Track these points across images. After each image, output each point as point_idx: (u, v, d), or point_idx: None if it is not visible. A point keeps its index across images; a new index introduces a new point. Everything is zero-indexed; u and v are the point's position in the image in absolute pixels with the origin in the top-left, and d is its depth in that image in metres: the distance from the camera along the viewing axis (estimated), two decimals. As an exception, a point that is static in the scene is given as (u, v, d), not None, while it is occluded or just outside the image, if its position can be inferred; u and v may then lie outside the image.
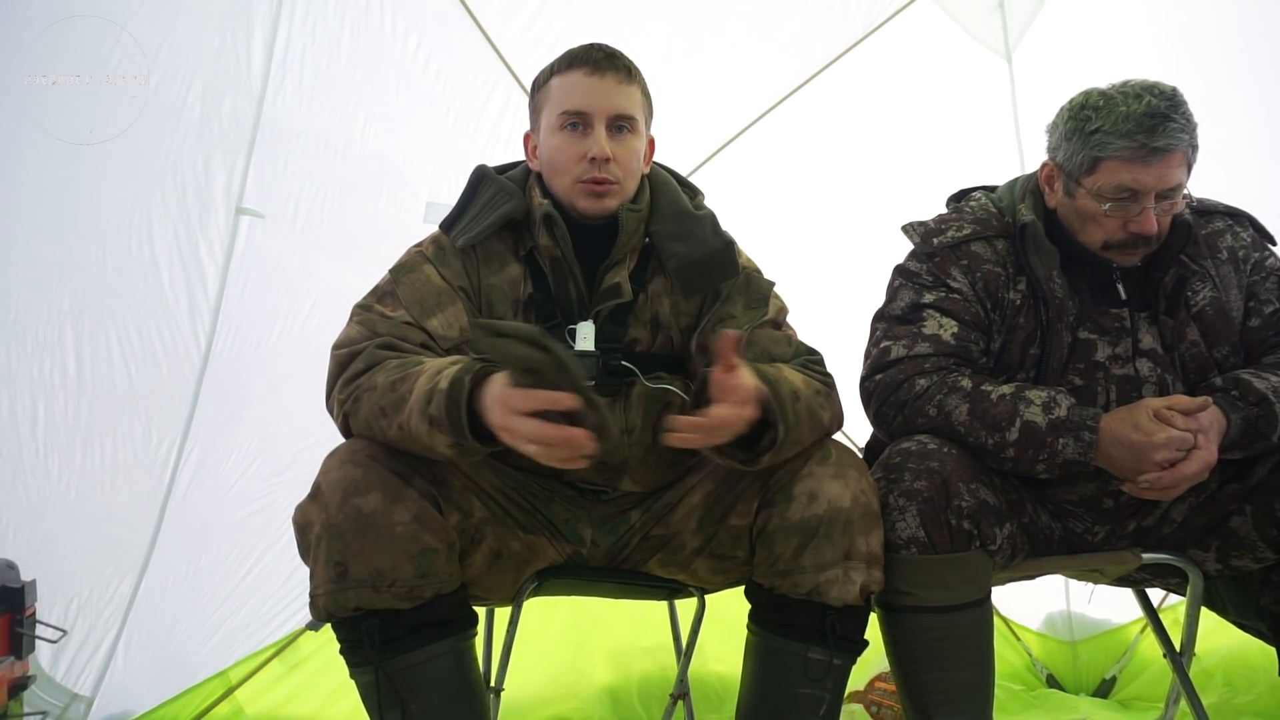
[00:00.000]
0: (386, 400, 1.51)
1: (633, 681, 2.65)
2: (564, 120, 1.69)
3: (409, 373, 1.52)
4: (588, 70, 1.69)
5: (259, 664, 2.50)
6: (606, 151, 1.67)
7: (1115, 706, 2.77)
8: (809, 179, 2.94)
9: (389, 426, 1.51)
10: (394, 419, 1.50)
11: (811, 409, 1.60)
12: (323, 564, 1.50)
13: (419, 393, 1.48)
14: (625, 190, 1.72)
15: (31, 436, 2.43)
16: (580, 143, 1.69)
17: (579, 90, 1.69)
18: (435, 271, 1.71)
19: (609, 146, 1.68)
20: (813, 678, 1.59)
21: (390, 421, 1.51)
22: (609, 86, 1.69)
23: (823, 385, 1.67)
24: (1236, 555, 1.76)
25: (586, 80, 1.69)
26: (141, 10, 2.53)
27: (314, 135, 2.64)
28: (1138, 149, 1.68)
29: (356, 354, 1.60)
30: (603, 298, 1.71)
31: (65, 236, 2.50)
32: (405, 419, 1.48)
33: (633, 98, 1.71)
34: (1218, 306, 1.82)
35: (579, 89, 1.69)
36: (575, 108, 1.69)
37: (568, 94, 1.70)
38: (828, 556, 1.57)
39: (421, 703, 1.52)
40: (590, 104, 1.68)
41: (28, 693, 2.28)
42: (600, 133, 1.68)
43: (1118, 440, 1.67)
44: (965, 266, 1.84)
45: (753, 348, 1.71)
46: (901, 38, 2.96)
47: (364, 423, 1.54)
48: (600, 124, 1.68)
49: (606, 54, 1.71)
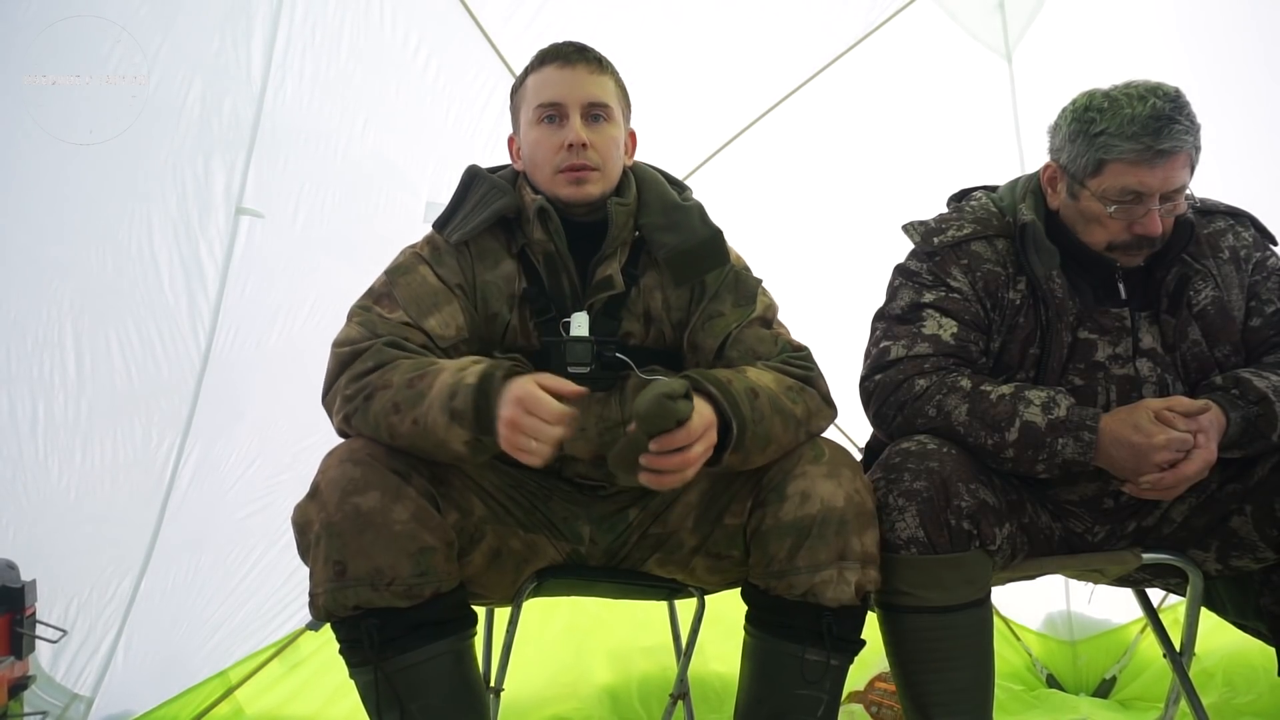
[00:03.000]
0: (401, 396, 1.52)
1: (633, 681, 2.65)
2: (540, 114, 1.73)
3: (427, 371, 1.54)
4: (559, 64, 1.74)
5: (259, 664, 2.50)
6: (583, 137, 1.70)
7: (1115, 706, 2.77)
8: (809, 179, 2.95)
9: (400, 422, 1.52)
10: (408, 414, 1.51)
11: (777, 403, 1.60)
12: (321, 563, 1.50)
13: (441, 387, 1.50)
14: (608, 177, 1.74)
15: (31, 436, 2.43)
16: (557, 133, 1.72)
17: (551, 83, 1.74)
18: (431, 272, 1.72)
19: (585, 134, 1.71)
20: (810, 679, 1.59)
21: (403, 417, 1.52)
22: (580, 76, 1.73)
23: (797, 380, 1.67)
24: (1236, 555, 1.76)
25: (558, 73, 1.74)
26: (141, 10, 2.53)
27: (314, 135, 2.65)
28: (1143, 151, 1.68)
29: (360, 352, 1.60)
30: (595, 290, 1.73)
31: (65, 236, 2.50)
32: (423, 413, 1.50)
33: (605, 87, 1.75)
34: (1219, 306, 1.81)
35: (550, 81, 1.74)
36: (549, 99, 1.73)
37: (541, 88, 1.74)
38: (822, 557, 1.57)
39: (420, 702, 1.51)
40: (563, 94, 1.72)
41: (28, 693, 2.28)
42: (575, 120, 1.72)
43: (1118, 441, 1.67)
44: (965, 266, 1.84)
45: (738, 346, 1.73)
46: (901, 38, 2.96)
47: (373, 419, 1.54)
48: (575, 112, 1.72)
49: (576, 47, 1.76)
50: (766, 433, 1.58)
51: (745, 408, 1.55)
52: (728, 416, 1.54)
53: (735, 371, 1.63)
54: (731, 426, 1.54)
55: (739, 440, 1.55)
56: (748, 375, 1.62)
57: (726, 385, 1.57)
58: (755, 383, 1.60)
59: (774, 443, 1.60)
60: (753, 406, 1.56)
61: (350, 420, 1.57)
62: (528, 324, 1.74)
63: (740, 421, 1.54)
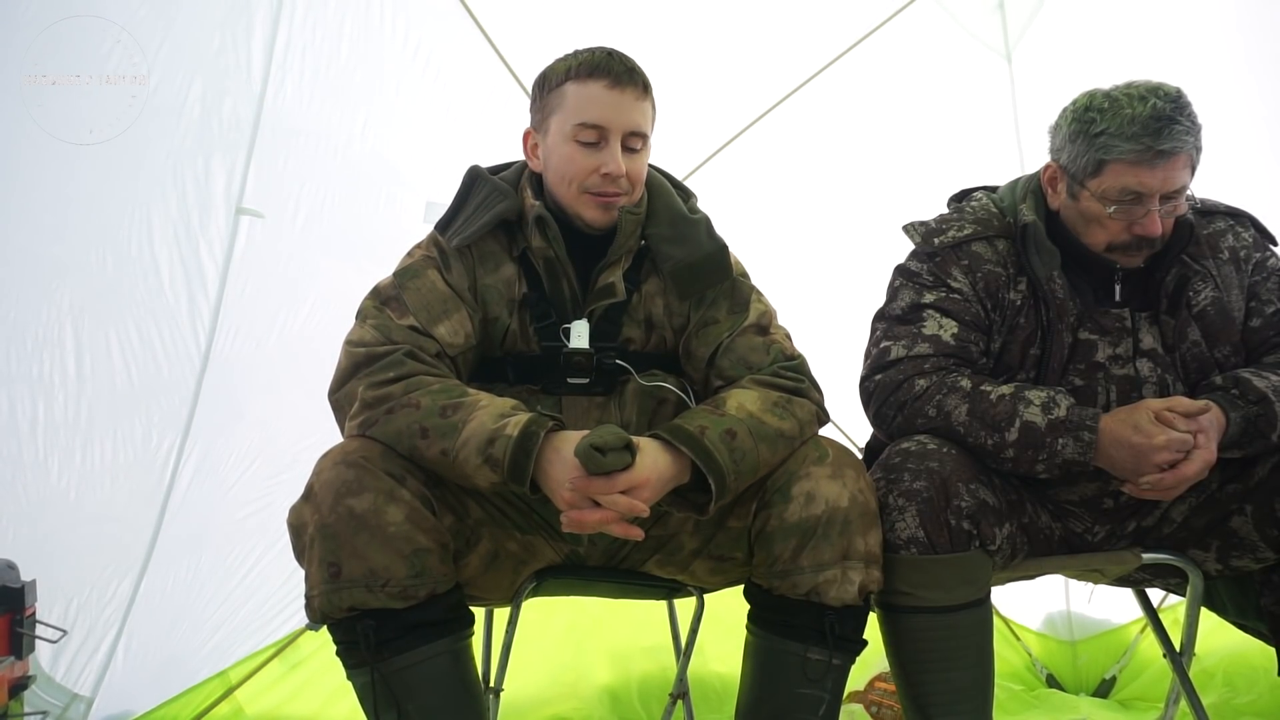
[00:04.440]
0: (432, 423, 1.53)
1: (633, 681, 2.64)
2: (579, 132, 1.67)
3: (461, 402, 1.55)
4: (608, 83, 1.66)
5: (259, 664, 2.50)
6: (622, 169, 1.67)
7: (1115, 706, 2.77)
8: (809, 179, 2.94)
9: (428, 447, 1.53)
10: (437, 443, 1.52)
11: (760, 430, 1.59)
12: (317, 564, 1.50)
13: (480, 429, 1.51)
14: (632, 200, 1.72)
15: (31, 436, 2.43)
16: (594, 156, 1.67)
17: (598, 104, 1.66)
18: (440, 277, 1.70)
19: (623, 162, 1.67)
20: (812, 678, 1.59)
21: (431, 443, 1.53)
22: (628, 102, 1.67)
23: (784, 394, 1.66)
24: (1237, 555, 1.76)
25: (606, 94, 1.66)
26: (141, 10, 2.52)
27: (314, 135, 2.64)
28: (1143, 152, 1.68)
29: (377, 356, 1.60)
30: (597, 297, 1.72)
31: (65, 236, 2.50)
32: (454, 447, 1.51)
33: (646, 113, 1.71)
34: (1219, 306, 1.81)
35: (598, 102, 1.66)
36: (593, 121, 1.66)
37: (585, 105, 1.67)
38: (826, 557, 1.57)
39: (418, 703, 1.51)
40: (609, 119, 1.66)
41: (28, 693, 2.28)
42: (616, 148, 1.67)
43: (1118, 442, 1.67)
44: (966, 267, 1.84)
45: (729, 355, 1.72)
46: (901, 38, 2.96)
47: (394, 434, 1.55)
48: (616, 139, 1.67)
49: (627, 67, 1.68)
50: (753, 465, 1.59)
51: (722, 456, 1.55)
52: (703, 472, 1.55)
53: (713, 408, 1.63)
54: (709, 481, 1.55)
55: (720, 491, 1.56)
56: (727, 408, 1.61)
57: (699, 438, 1.56)
58: (735, 416, 1.60)
59: (764, 466, 1.61)
60: (731, 450, 1.56)
61: (368, 430, 1.57)
62: (527, 329, 1.73)
63: (718, 474, 1.55)
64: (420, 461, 1.55)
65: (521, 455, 1.50)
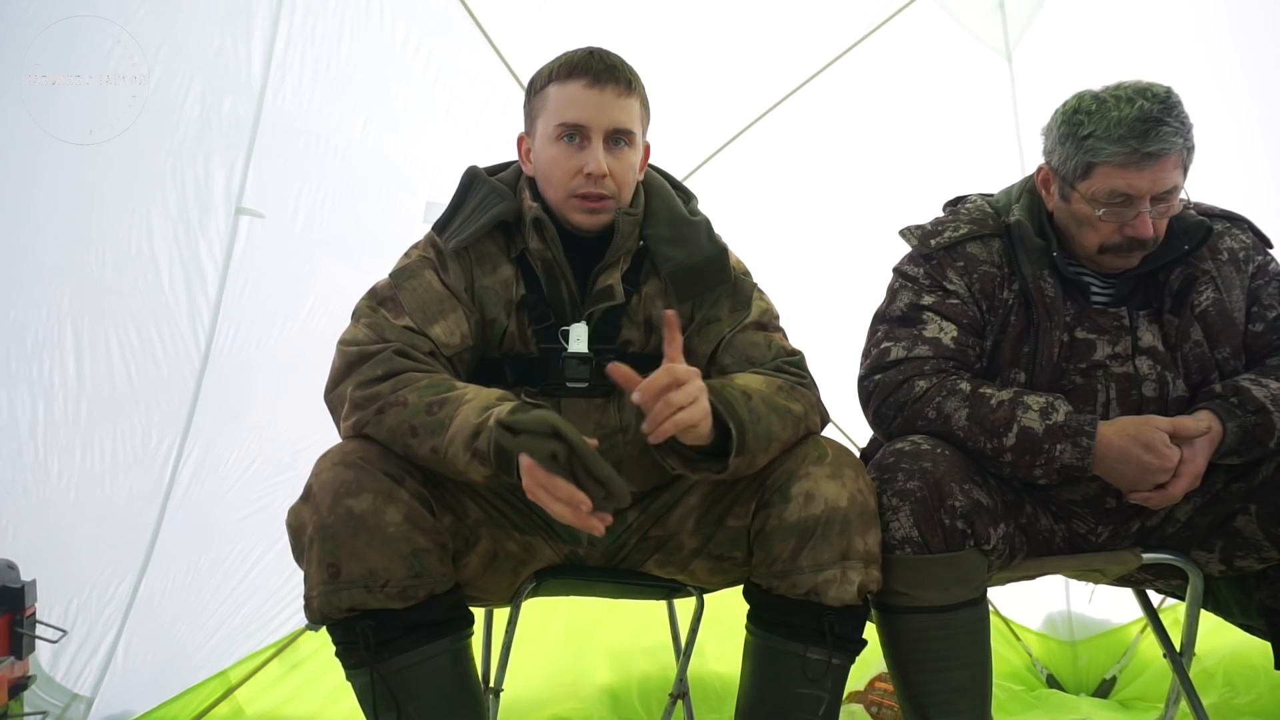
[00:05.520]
0: (420, 421, 1.52)
1: (633, 681, 2.64)
2: (561, 132, 1.67)
3: (447, 397, 1.53)
4: (587, 82, 1.66)
5: (259, 664, 2.50)
6: (604, 168, 1.66)
7: (1115, 706, 2.77)
8: (808, 180, 2.94)
9: (419, 445, 1.52)
10: (427, 440, 1.51)
11: (771, 402, 1.59)
12: (316, 565, 1.50)
13: (464, 424, 1.49)
14: (621, 202, 1.71)
15: (31, 436, 2.43)
16: (576, 156, 1.67)
17: (577, 103, 1.66)
18: (437, 278, 1.70)
19: (606, 161, 1.66)
20: (811, 677, 1.60)
21: (421, 441, 1.52)
22: (608, 100, 1.66)
23: (789, 381, 1.66)
24: (1241, 555, 1.76)
25: (585, 92, 1.66)
26: (141, 10, 2.52)
27: (314, 135, 2.64)
28: (1130, 154, 1.67)
29: (368, 355, 1.59)
30: (595, 299, 1.71)
31: (65, 236, 2.50)
32: (443, 444, 1.50)
33: (631, 110, 1.69)
34: (1220, 308, 1.81)
35: (577, 101, 1.66)
36: (573, 120, 1.66)
37: (565, 105, 1.67)
38: (825, 557, 1.57)
39: (417, 703, 1.52)
40: (588, 117, 1.66)
41: (28, 693, 2.28)
42: (598, 147, 1.66)
43: (1126, 457, 1.67)
44: (961, 269, 1.84)
45: (731, 351, 1.72)
46: (901, 38, 2.95)
47: (387, 433, 1.54)
48: (598, 138, 1.66)
49: (607, 65, 1.67)
50: (767, 431, 1.58)
51: (742, 410, 1.55)
52: (725, 421, 1.53)
53: (725, 379, 1.63)
54: (731, 431, 1.53)
55: (741, 442, 1.54)
56: (736, 381, 1.61)
57: (720, 390, 1.56)
58: (746, 386, 1.60)
59: (775, 440, 1.60)
60: (749, 408, 1.56)
61: (362, 429, 1.57)
62: (526, 330, 1.73)
63: (739, 423, 1.53)
64: (415, 460, 1.54)
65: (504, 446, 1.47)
